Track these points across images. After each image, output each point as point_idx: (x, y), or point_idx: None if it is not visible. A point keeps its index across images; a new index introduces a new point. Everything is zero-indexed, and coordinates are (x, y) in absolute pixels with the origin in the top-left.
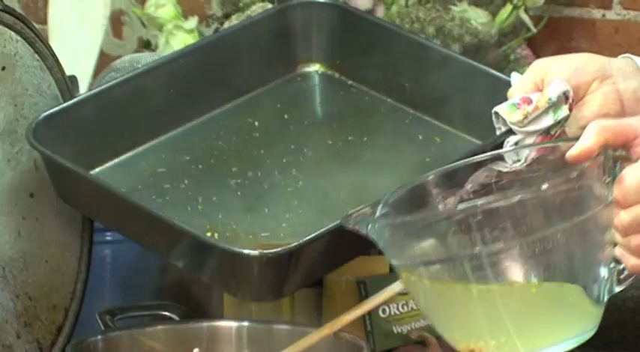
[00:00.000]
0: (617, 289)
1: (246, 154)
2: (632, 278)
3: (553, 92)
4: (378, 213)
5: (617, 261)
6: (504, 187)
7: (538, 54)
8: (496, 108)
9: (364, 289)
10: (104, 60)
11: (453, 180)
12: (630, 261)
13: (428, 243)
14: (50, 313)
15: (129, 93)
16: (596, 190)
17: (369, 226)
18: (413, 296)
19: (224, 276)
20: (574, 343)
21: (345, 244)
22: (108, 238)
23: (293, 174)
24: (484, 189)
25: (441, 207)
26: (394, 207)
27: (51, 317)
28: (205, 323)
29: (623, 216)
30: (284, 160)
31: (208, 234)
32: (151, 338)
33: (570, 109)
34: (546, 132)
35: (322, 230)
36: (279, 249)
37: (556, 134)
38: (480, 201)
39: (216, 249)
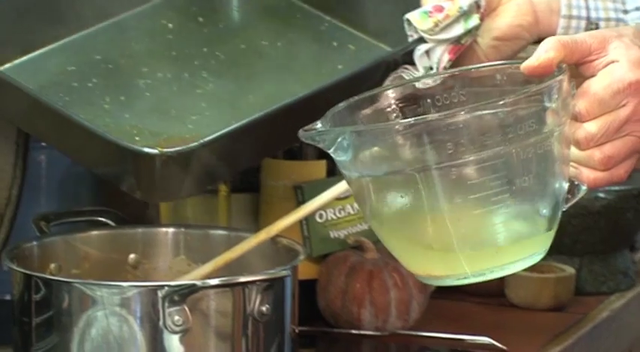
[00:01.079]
0: (564, 207)
1: (157, 56)
2: (579, 196)
3: (464, 0)
4: (327, 125)
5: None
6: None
7: None
8: (408, 16)
9: (301, 194)
10: None
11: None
12: (592, 175)
13: (385, 155)
14: None
15: None
16: (556, 105)
17: (327, 138)
18: (364, 210)
19: (125, 175)
20: (525, 264)
21: (250, 146)
22: (43, 144)
23: (203, 77)
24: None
25: (393, 116)
26: (341, 118)
27: None
28: (141, 229)
29: (589, 127)
30: (195, 62)
31: (113, 134)
32: (87, 244)
33: (481, 18)
34: (457, 40)
35: (224, 130)
36: (179, 148)
37: (467, 43)
38: (437, 115)
39: (117, 147)
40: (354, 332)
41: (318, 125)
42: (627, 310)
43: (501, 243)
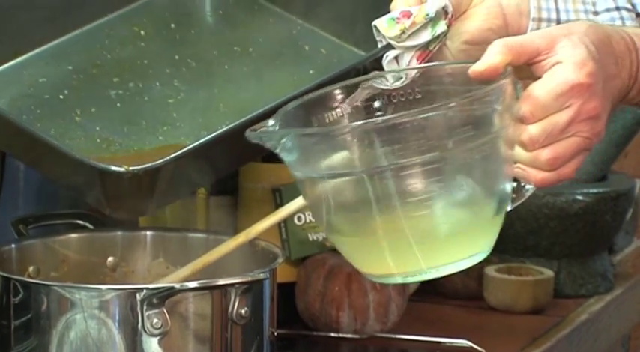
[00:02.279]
0: (510, 208)
1: (129, 64)
2: (525, 196)
3: (431, 7)
4: (277, 126)
5: (514, 180)
6: (382, 108)
7: None
8: (375, 22)
9: (279, 197)
10: None
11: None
12: (539, 176)
13: (331, 157)
14: None
15: (11, 2)
16: (500, 108)
17: (273, 139)
18: (314, 212)
19: (93, 192)
20: (472, 261)
21: (220, 157)
22: None
23: (175, 86)
24: (365, 109)
25: (343, 117)
26: (293, 117)
27: None
28: (119, 232)
29: (533, 130)
30: (167, 71)
31: (84, 147)
32: (65, 247)
33: (449, 25)
34: (425, 47)
35: (193, 145)
36: (146, 166)
37: (434, 49)
38: (384, 117)
39: (84, 165)
40: (332, 334)
41: (270, 123)
42: (606, 313)
43: (451, 239)
